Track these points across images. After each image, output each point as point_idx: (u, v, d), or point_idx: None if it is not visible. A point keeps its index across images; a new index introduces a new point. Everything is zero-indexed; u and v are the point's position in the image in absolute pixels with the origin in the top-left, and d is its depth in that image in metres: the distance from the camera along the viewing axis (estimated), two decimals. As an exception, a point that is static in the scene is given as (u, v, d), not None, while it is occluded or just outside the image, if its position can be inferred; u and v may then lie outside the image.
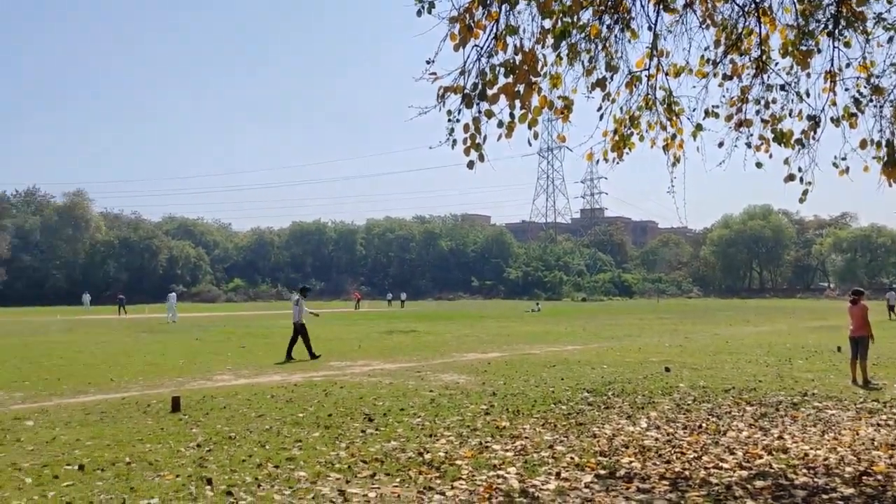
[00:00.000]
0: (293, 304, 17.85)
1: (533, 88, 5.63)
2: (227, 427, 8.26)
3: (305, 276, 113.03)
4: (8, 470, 6.28)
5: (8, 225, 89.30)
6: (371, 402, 10.08)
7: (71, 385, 12.18)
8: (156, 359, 16.72)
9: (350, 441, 7.50)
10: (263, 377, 13.33)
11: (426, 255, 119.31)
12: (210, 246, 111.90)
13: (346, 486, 5.77)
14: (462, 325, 31.83)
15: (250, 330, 28.77)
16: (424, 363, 15.74)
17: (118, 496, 5.48)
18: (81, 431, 8.03)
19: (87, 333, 26.79)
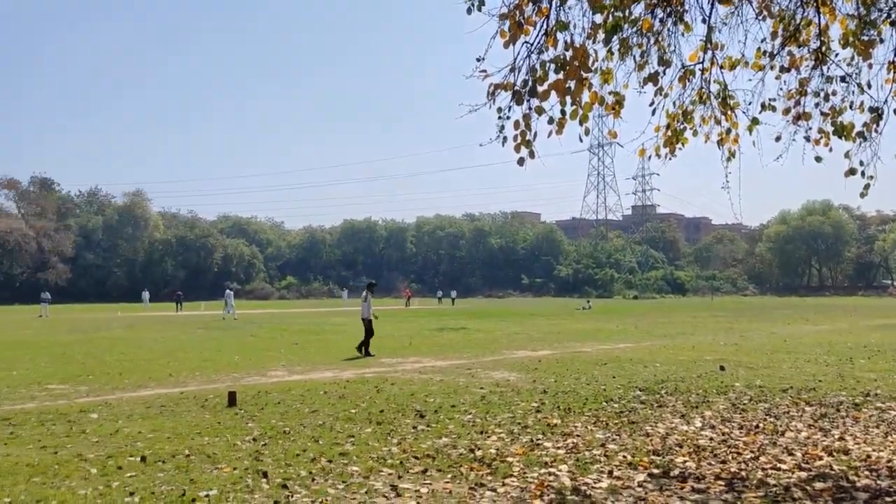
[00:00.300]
0: (362, 300, 18.03)
1: (584, 84, 5.59)
2: (281, 422, 8.40)
3: (356, 273, 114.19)
4: (75, 460, 6.51)
5: (72, 224, 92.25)
6: (422, 399, 10.14)
7: (132, 380, 12.54)
8: (212, 355, 17.09)
9: (402, 437, 7.56)
10: (316, 373, 13.52)
11: (476, 253, 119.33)
12: (263, 244, 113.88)
13: (398, 482, 5.82)
14: (512, 323, 31.76)
15: (302, 327, 29.18)
16: (475, 360, 15.76)
17: (178, 487, 5.63)
18: (143, 424, 8.26)
19: (147, 330, 27.52)
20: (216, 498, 5.37)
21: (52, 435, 7.70)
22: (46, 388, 11.57)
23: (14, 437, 7.64)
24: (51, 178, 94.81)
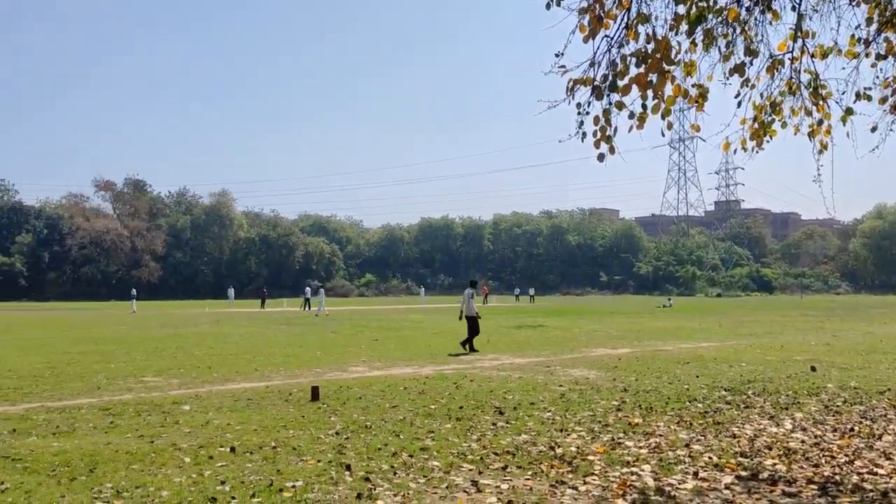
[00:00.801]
0: (466, 297, 18.25)
1: (666, 77, 5.48)
2: (363, 416, 8.56)
3: (434, 271, 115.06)
4: (169, 449, 6.80)
5: (163, 224, 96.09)
6: (501, 396, 10.14)
7: (220, 373, 12.99)
8: (294, 350, 17.52)
9: (481, 433, 7.59)
10: (396, 369, 13.70)
11: (553, 250, 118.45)
12: (343, 242, 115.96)
13: (479, 477, 5.85)
14: (590, 321, 31.40)
15: (382, 324, 29.59)
16: (553, 358, 15.66)
17: (266, 477, 5.81)
18: (231, 416, 8.55)
19: (232, 325, 28.43)
20: (302, 489, 5.51)
21: (148, 425, 8.06)
22: (142, 380, 12.10)
23: (114, 426, 8.03)
24: (143, 180, 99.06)
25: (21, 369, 13.51)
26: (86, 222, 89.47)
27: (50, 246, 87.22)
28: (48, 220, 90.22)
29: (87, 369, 13.53)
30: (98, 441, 7.21)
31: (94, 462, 6.33)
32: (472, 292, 18.34)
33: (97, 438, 7.35)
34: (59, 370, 13.44)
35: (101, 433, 7.64)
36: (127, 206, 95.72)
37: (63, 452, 6.70)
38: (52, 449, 6.86)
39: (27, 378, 12.28)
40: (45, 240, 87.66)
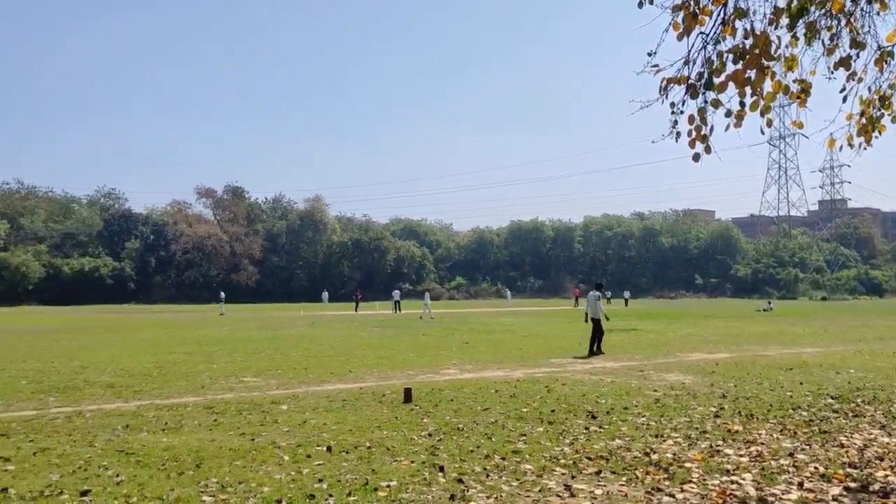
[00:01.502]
0: (592, 300, 18.24)
1: (765, 73, 5.31)
2: (455, 419, 8.62)
3: (524, 274, 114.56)
4: (269, 447, 7.04)
5: (260, 229, 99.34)
6: (593, 400, 10.02)
7: (315, 374, 13.34)
8: (387, 352, 17.79)
9: (574, 437, 7.52)
10: (487, 372, 13.72)
11: (646, 253, 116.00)
12: (433, 245, 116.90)
13: (572, 482, 5.81)
14: (685, 324, 30.58)
15: (472, 327, 29.68)
16: (647, 362, 15.35)
17: (362, 477, 5.94)
18: (327, 416, 8.78)
19: (327, 328, 29.11)
20: (396, 489, 5.61)
21: (248, 423, 8.37)
22: (242, 380, 12.56)
23: (217, 423, 8.38)
24: (241, 187, 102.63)
25: (132, 368, 14.25)
26: (188, 228, 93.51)
27: (156, 251, 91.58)
28: (154, 227, 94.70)
29: (191, 369, 14.15)
30: (203, 438, 7.54)
31: (200, 457, 6.62)
32: (598, 294, 18.29)
33: (202, 435, 7.69)
34: (166, 369, 14.11)
35: (205, 430, 7.99)
36: (226, 212, 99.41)
37: (171, 448, 7.04)
38: (162, 444, 7.22)
39: (138, 377, 12.95)
40: (152, 245, 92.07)
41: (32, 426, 8.31)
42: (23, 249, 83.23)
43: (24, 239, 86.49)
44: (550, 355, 16.95)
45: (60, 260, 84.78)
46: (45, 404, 9.99)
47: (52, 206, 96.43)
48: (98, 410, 9.42)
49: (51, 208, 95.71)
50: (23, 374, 13.31)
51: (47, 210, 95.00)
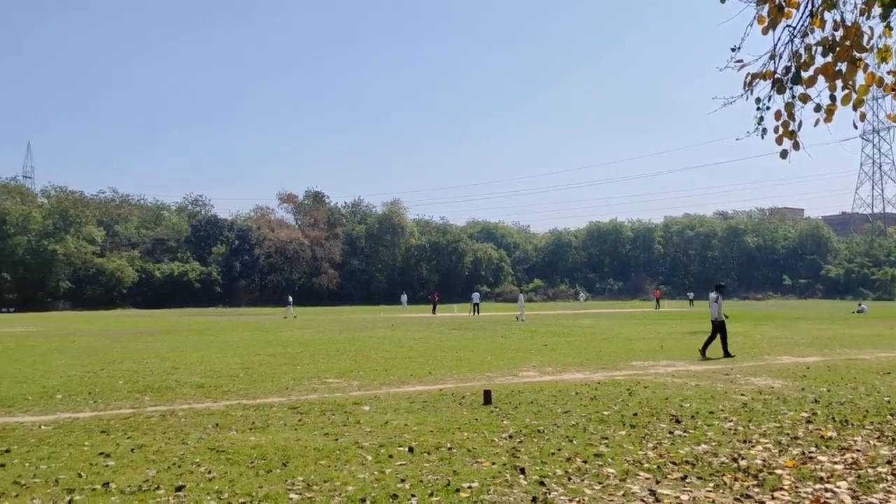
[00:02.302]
0: (712, 301, 17.98)
1: (857, 65, 5.09)
2: (535, 421, 8.59)
3: (603, 276, 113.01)
4: (353, 447, 7.18)
5: (339, 233, 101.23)
6: (677, 404, 9.82)
7: (396, 376, 13.50)
8: (466, 354, 17.85)
9: (657, 441, 7.39)
10: (567, 374, 13.61)
11: (730, 253, 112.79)
12: (511, 248, 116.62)
13: (657, 487, 5.71)
14: (773, 327, 29.57)
15: (551, 328, 29.46)
16: (733, 365, 14.92)
17: (443, 477, 5.99)
18: (408, 417, 8.88)
19: (406, 330, 29.40)
20: (478, 490, 5.63)
21: (332, 423, 8.55)
22: (325, 381, 12.83)
23: (301, 423, 8.59)
24: (321, 192, 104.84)
25: (220, 369, 14.74)
26: (271, 233, 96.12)
27: (241, 255, 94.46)
28: (239, 232, 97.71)
29: (276, 370, 14.54)
30: (289, 437, 7.74)
31: (287, 456, 6.81)
32: (717, 296, 17.89)
33: (288, 434, 7.90)
34: (251, 370, 14.54)
35: (291, 430, 8.20)
36: (307, 216, 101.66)
37: (259, 446, 7.26)
38: (250, 443, 7.45)
39: (225, 377, 13.39)
40: (237, 250, 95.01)
41: (130, 424, 8.71)
42: (118, 255, 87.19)
43: (119, 245, 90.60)
44: (631, 358, 16.67)
45: (152, 265, 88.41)
46: (140, 403, 10.45)
47: (144, 214, 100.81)
48: (189, 409, 9.79)
49: (143, 215, 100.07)
50: (120, 375, 13.95)
51: (140, 217, 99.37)
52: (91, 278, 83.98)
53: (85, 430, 8.38)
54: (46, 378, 13.54)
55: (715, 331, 17.32)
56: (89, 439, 7.79)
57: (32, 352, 19.95)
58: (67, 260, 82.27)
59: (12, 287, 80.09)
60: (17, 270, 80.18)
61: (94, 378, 13.49)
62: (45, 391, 11.75)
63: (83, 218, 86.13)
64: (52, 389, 11.94)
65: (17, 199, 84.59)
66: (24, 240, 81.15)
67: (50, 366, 15.84)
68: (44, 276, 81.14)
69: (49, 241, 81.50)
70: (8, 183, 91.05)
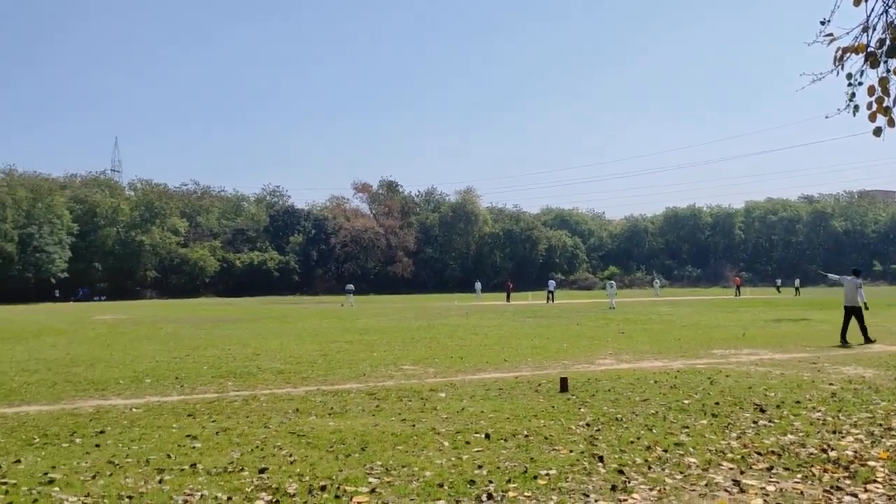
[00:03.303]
0: (853, 286, 17.45)
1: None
2: (612, 409, 8.47)
3: (680, 262, 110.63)
4: (429, 433, 7.23)
5: (413, 222, 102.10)
6: (761, 393, 9.52)
7: (471, 363, 13.53)
8: (541, 342, 17.74)
9: (741, 431, 7.18)
10: (644, 362, 13.37)
11: (815, 238, 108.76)
12: (585, 235, 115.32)
13: (741, 477, 5.55)
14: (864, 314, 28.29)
15: (628, 316, 29.01)
16: (820, 354, 14.38)
17: (520, 464, 5.97)
18: (484, 405, 8.89)
19: (480, 318, 29.45)
20: (556, 477, 5.59)
21: (409, 410, 8.63)
22: (401, 368, 12.97)
23: (379, 409, 8.71)
24: (395, 181, 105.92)
25: (299, 356, 15.08)
26: (346, 222, 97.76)
27: (317, 244, 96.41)
28: (315, 221, 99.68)
29: (353, 357, 14.78)
30: (367, 422, 7.85)
31: (365, 441, 6.91)
32: (859, 282, 17.44)
33: (366, 420, 8.02)
34: (329, 357, 14.82)
35: (368, 415, 8.32)
36: (382, 205, 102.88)
37: (338, 431, 7.39)
38: (329, 427, 7.60)
39: (304, 364, 13.69)
40: (313, 239, 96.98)
41: (214, 408, 8.99)
42: (200, 245, 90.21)
43: (202, 236, 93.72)
44: (712, 346, 16.26)
45: (232, 254, 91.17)
46: (224, 388, 10.78)
47: (225, 205, 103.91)
48: (270, 395, 10.05)
49: (223, 206, 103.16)
50: (204, 360, 14.43)
51: (220, 208, 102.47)
52: (175, 268, 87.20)
53: (173, 413, 8.70)
54: (136, 363, 14.13)
55: (849, 315, 16.91)
56: (177, 422, 8.08)
57: (123, 338, 20.86)
58: (153, 250, 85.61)
59: (103, 276, 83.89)
60: (107, 260, 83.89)
61: (181, 363, 14.00)
62: (136, 375, 12.26)
63: (168, 209, 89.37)
64: (141, 374, 12.45)
65: (107, 192, 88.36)
66: (114, 231, 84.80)
67: (139, 351, 16.53)
68: (132, 266, 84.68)
69: (136, 232, 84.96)
70: (98, 177, 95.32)
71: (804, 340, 17.42)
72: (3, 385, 11.38)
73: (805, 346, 16.12)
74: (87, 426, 7.91)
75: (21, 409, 9.19)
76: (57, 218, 78.34)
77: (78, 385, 11.26)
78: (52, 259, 76.20)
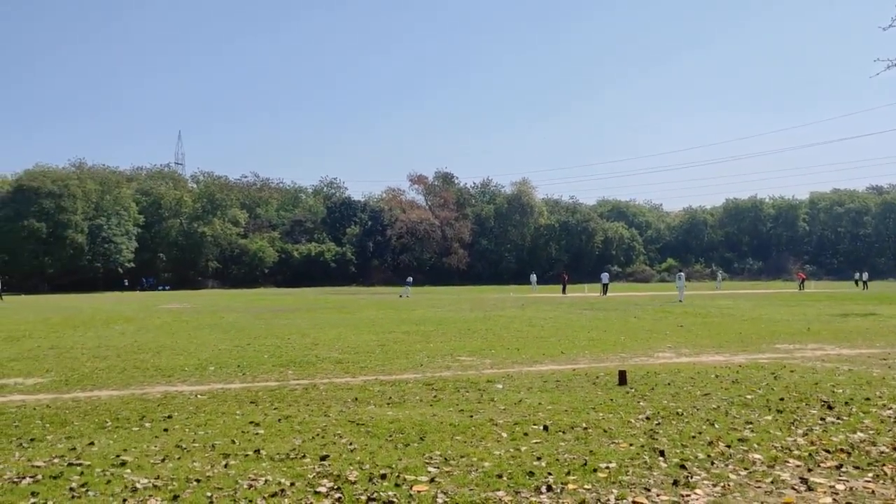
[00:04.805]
0: None
1: None
2: (673, 403, 8.35)
3: (741, 255, 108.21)
4: (487, 424, 7.24)
5: (469, 213, 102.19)
6: (829, 389, 9.25)
7: (528, 355, 13.49)
8: (598, 335, 17.58)
9: (808, 428, 7.00)
10: (705, 356, 13.14)
11: (885, 230, 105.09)
12: (643, 227, 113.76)
13: (808, 475, 5.41)
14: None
15: (686, 309, 28.50)
16: (890, 350, 13.89)
17: (580, 457, 5.93)
18: (542, 396, 8.86)
19: (537, 310, 29.32)
20: (616, 471, 5.54)
21: (466, 400, 8.65)
22: (458, 359, 13.01)
23: (437, 399, 8.75)
24: (451, 173, 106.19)
25: (357, 346, 15.26)
26: (402, 214, 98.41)
27: (374, 236, 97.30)
28: (371, 213, 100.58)
29: (410, 347, 14.89)
30: (425, 412, 7.91)
31: (424, 431, 6.96)
32: None
33: (424, 410, 8.07)
34: (387, 347, 14.96)
35: (426, 405, 8.37)
36: (437, 197, 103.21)
37: (397, 421, 7.46)
38: (388, 417, 7.67)
39: (362, 353, 13.85)
40: (370, 230, 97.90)
41: (276, 396, 9.17)
42: (259, 237, 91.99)
43: (261, 227, 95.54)
44: (775, 340, 15.87)
45: (291, 245, 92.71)
46: (285, 377, 10.99)
47: (283, 196, 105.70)
48: (330, 384, 10.20)
49: (282, 198, 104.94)
50: (265, 350, 14.73)
51: (279, 200, 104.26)
52: (236, 258, 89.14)
53: (236, 400, 8.91)
54: (200, 351, 14.51)
55: None
56: (240, 409, 8.28)
57: (187, 326, 21.43)
58: (215, 241, 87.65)
59: (168, 266, 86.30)
60: (171, 251, 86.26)
61: (242, 352, 14.32)
62: (200, 363, 12.59)
63: (228, 201, 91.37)
64: (205, 361, 12.78)
65: (171, 185, 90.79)
66: (177, 223, 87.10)
67: (203, 340, 16.96)
68: (195, 257, 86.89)
69: (198, 223, 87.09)
70: (162, 169, 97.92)
71: (873, 335, 16.86)
72: (76, 370, 11.83)
73: (874, 341, 15.60)
74: (155, 411, 8.17)
75: (93, 394, 9.53)
76: (124, 210, 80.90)
77: (146, 371, 11.62)
78: (119, 250, 78.76)
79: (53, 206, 74.41)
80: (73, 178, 79.08)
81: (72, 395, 9.51)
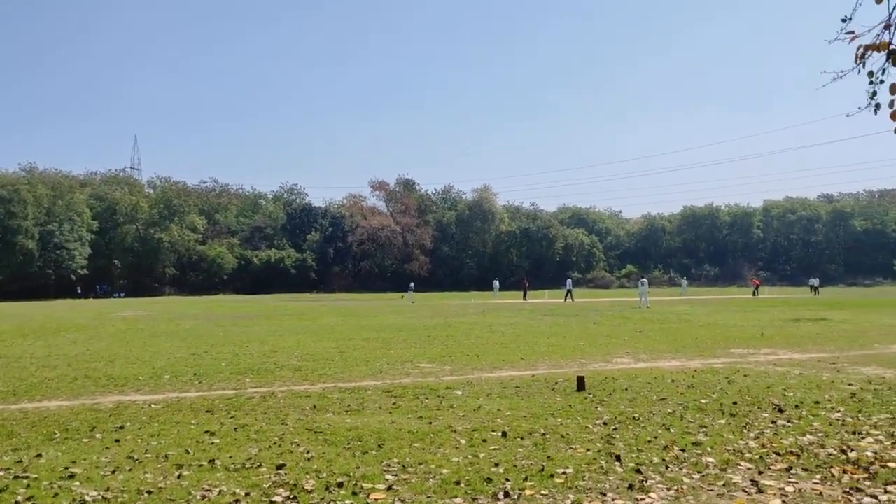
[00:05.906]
0: None
1: (984, 32, 4.74)
2: (630, 408, 8.44)
3: (698, 261, 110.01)
4: (446, 431, 7.24)
5: (430, 220, 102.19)
6: (780, 393, 9.45)
7: (487, 361, 13.53)
8: (558, 340, 17.71)
9: (759, 431, 7.14)
10: (662, 361, 13.32)
11: (835, 237, 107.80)
12: (602, 233, 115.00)
13: (759, 477, 5.51)
14: (884, 314, 28.04)
15: (645, 315, 28.88)
16: (840, 354, 14.25)
17: (537, 462, 5.97)
18: (501, 402, 8.89)
19: (497, 316, 29.42)
20: (573, 476, 5.58)
21: (426, 407, 8.64)
22: (418, 365, 12.99)
23: (396, 406, 8.73)
24: (412, 179, 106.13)
25: (316, 353, 15.14)
26: (363, 220, 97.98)
27: (334, 242, 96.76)
28: (332, 219, 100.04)
29: (370, 355, 14.82)
30: (384, 420, 7.88)
31: (382, 438, 6.93)
32: None
33: (383, 417, 8.04)
34: (346, 354, 14.87)
35: (385, 413, 8.34)
36: (398, 203, 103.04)
37: (355, 428, 7.41)
38: (346, 424, 7.63)
39: (321, 361, 13.74)
40: (331, 237, 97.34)
41: (232, 404, 9.05)
42: (218, 243, 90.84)
43: (220, 233, 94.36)
44: (730, 345, 16.16)
45: (250, 252, 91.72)
46: (242, 385, 10.85)
47: (243, 202, 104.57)
48: (288, 391, 10.10)
49: (241, 204, 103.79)
50: (222, 357, 14.53)
51: (238, 206, 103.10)
52: (194, 265, 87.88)
53: (191, 409, 8.77)
54: (155, 359, 14.25)
55: None
56: (195, 418, 8.15)
57: (142, 334, 21.04)
58: (172, 247, 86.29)
59: (123, 273, 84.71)
60: (126, 258, 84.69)
61: (199, 360, 14.10)
62: (155, 372, 12.37)
63: (186, 207, 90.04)
64: (160, 370, 12.55)
65: (126, 190, 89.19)
66: (133, 228, 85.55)
67: (158, 348, 16.66)
68: (151, 263, 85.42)
69: (155, 229, 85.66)
70: (118, 174, 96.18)
71: (823, 340, 17.27)
72: (24, 380, 11.52)
73: (824, 345, 15.98)
74: (106, 422, 8.00)
75: (42, 405, 9.30)
76: (77, 215, 79.20)
77: (98, 381, 11.38)
78: (72, 256, 77.04)
79: (3, 212, 72.60)
80: (24, 183, 77.22)
81: (19, 405, 9.26)
